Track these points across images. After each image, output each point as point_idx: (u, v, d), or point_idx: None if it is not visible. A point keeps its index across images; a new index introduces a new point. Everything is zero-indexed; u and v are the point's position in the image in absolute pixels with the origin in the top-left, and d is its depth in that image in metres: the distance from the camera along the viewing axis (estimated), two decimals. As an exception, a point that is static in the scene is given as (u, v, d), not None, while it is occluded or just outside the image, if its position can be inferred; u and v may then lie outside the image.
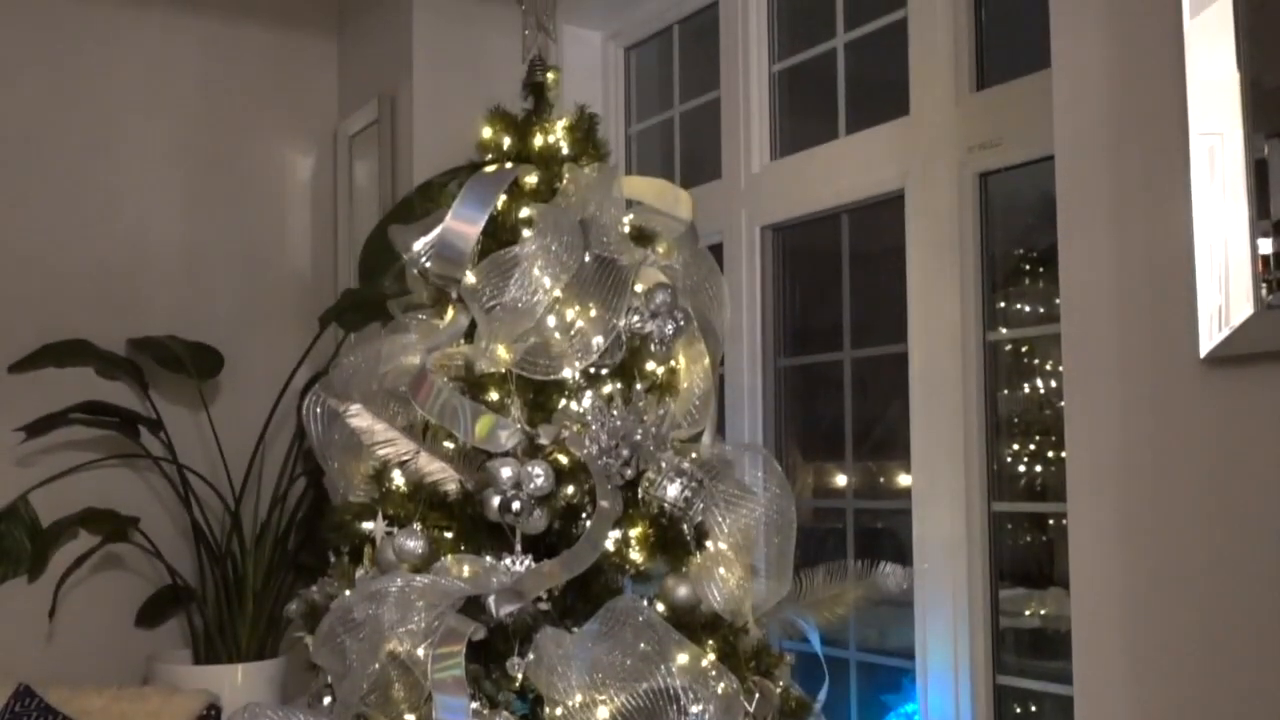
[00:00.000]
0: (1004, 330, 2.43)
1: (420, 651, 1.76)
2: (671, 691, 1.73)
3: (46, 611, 3.24)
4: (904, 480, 2.71)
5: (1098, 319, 1.72)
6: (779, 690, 2.04)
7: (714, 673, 1.79)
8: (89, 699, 2.78)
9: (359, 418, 1.88)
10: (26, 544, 3.26)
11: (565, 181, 2.04)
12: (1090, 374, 1.75)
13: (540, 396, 1.98)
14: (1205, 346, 1.52)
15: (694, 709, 1.75)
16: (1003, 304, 2.48)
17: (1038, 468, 2.53)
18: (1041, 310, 2.49)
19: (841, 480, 2.91)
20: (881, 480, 2.88)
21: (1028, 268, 2.56)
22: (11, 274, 3.37)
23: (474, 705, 1.76)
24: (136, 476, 3.50)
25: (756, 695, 1.93)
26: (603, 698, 1.74)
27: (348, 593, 1.99)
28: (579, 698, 1.75)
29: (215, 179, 3.71)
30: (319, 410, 2.11)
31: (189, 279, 3.64)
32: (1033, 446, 2.54)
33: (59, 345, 3.27)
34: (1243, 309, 1.49)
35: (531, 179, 2.05)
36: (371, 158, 3.59)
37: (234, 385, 3.58)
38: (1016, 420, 2.51)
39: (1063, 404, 1.81)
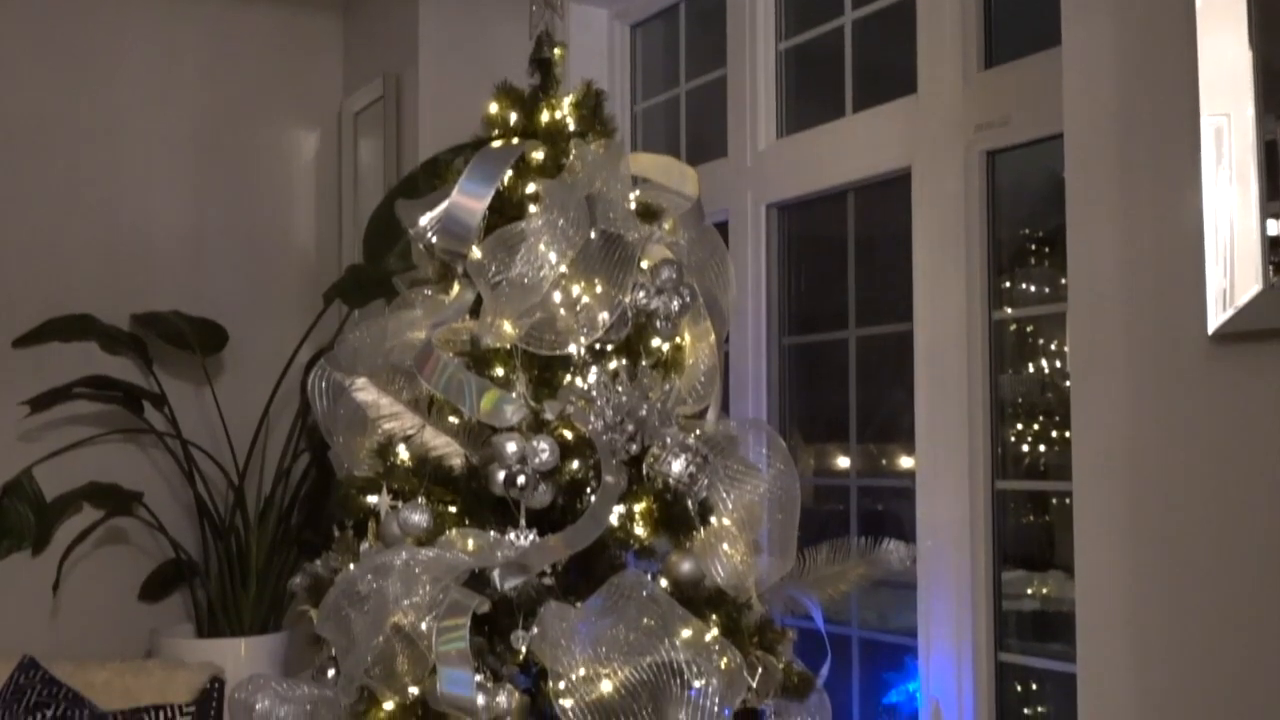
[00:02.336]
0: (1009, 310, 2.43)
1: (424, 624, 1.77)
2: (675, 665, 1.73)
3: (50, 585, 3.25)
4: (907, 463, 2.72)
5: (1105, 297, 1.72)
6: (782, 665, 2.04)
7: (717, 647, 1.79)
8: (93, 672, 2.78)
9: (365, 391, 1.89)
10: (30, 518, 3.28)
11: (572, 157, 2.03)
12: (1097, 352, 1.75)
13: (545, 372, 1.98)
14: (1213, 324, 1.52)
15: (697, 683, 1.75)
16: (1008, 284, 2.48)
17: (1041, 448, 2.53)
18: (1047, 290, 2.49)
19: (844, 460, 2.92)
20: (884, 462, 2.88)
21: (1033, 248, 2.56)
22: (17, 250, 3.38)
23: (478, 678, 1.76)
24: (140, 452, 3.52)
25: (759, 670, 1.94)
26: (606, 671, 1.74)
27: (352, 566, 1.99)
28: (582, 671, 1.75)
29: (220, 157, 3.72)
30: (324, 385, 2.11)
31: (193, 255, 3.65)
32: (1036, 427, 2.54)
33: (63, 320, 3.28)
34: (1250, 287, 1.49)
35: (538, 155, 2.04)
36: (376, 135, 3.59)
37: (237, 361, 3.58)
38: (1020, 400, 2.51)
39: (1067, 384, 1.81)
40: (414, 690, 1.87)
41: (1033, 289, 2.52)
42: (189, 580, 3.41)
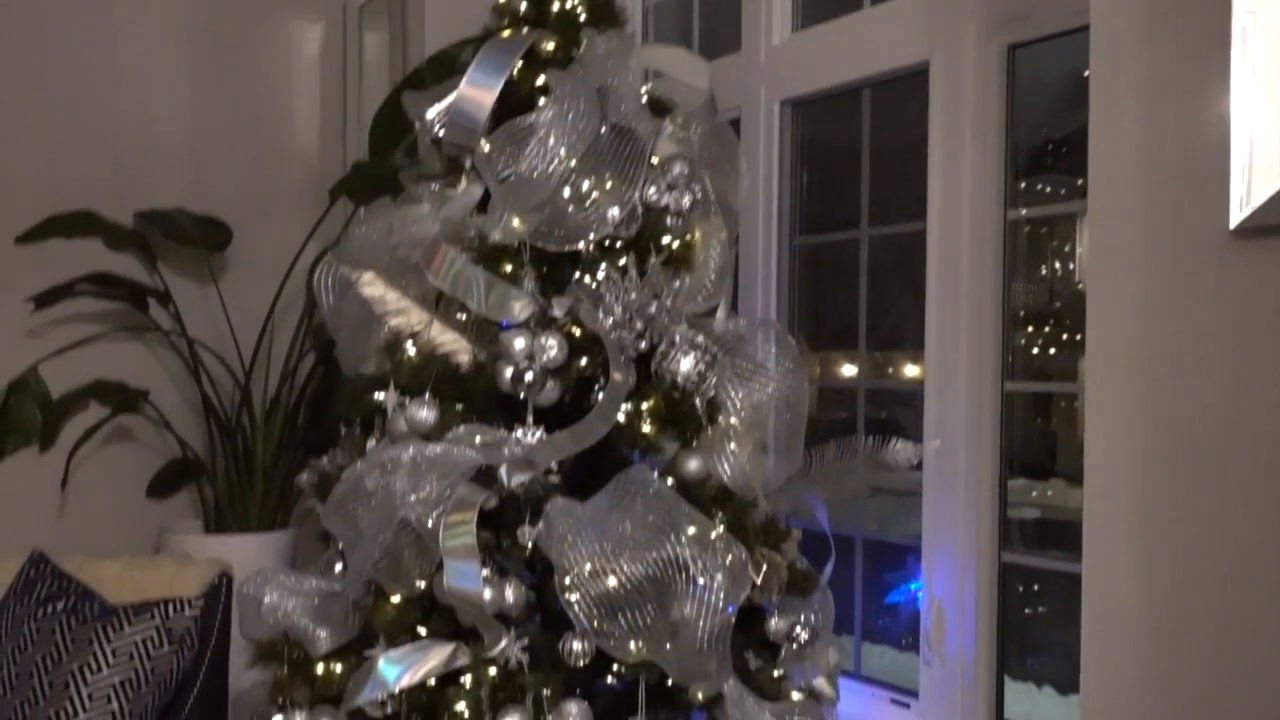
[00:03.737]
0: (1024, 211, 2.39)
1: (432, 520, 1.77)
2: (680, 561, 1.74)
3: (58, 483, 3.28)
4: (912, 371, 2.71)
5: (1126, 192, 1.69)
6: (786, 564, 2.05)
7: (722, 544, 1.79)
8: (102, 567, 2.79)
9: (372, 287, 1.87)
10: (37, 415, 3.28)
11: (583, 48, 1.98)
12: (1115, 248, 1.73)
13: (554, 269, 1.95)
14: (1235, 219, 1.49)
15: (701, 580, 1.76)
16: (1023, 185, 2.44)
17: (1051, 350, 2.52)
18: (1063, 191, 2.45)
19: (851, 367, 2.90)
20: (890, 370, 2.87)
21: (1050, 147, 2.51)
22: (18, 147, 3.33)
23: (484, 572, 1.77)
24: (145, 350, 3.51)
25: (764, 567, 1.94)
26: (612, 567, 1.75)
27: (359, 463, 1.99)
28: (588, 567, 1.76)
29: (222, 51, 3.65)
30: (330, 281, 2.09)
31: (195, 152, 3.60)
32: (1047, 330, 2.52)
33: (66, 216, 3.25)
34: (1274, 182, 1.46)
35: (548, 45, 1.99)
36: (381, 29, 3.52)
37: (241, 259, 3.56)
38: (1031, 303, 2.49)
39: (1080, 286, 1.79)
40: (421, 584, 1.88)
41: (1048, 190, 2.49)
42: (196, 478, 3.42)
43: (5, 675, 2.45)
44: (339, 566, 2.07)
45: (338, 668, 2.02)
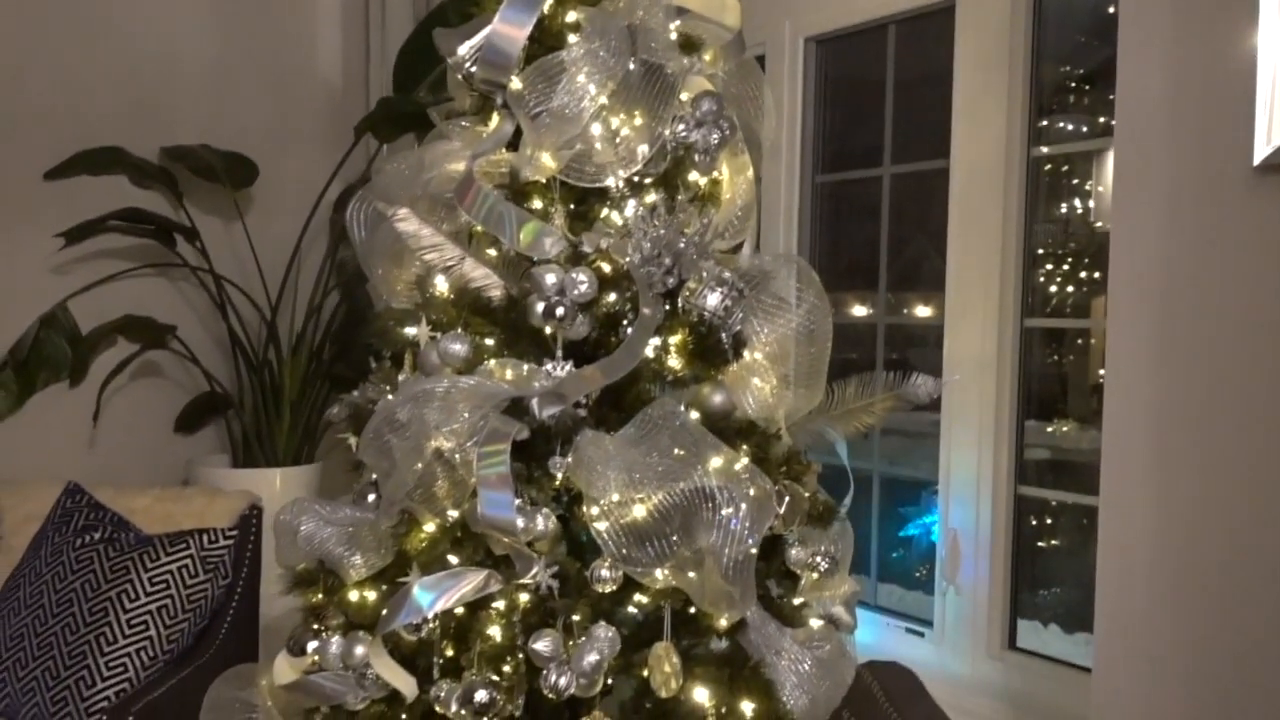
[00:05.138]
0: (1044, 149, 2.41)
1: (465, 450, 1.81)
2: (707, 491, 1.77)
3: (88, 416, 3.33)
4: (923, 311, 2.73)
5: (1152, 128, 1.71)
6: (808, 495, 2.09)
7: (747, 476, 1.82)
8: (135, 498, 2.85)
9: (407, 222, 1.89)
10: (67, 350, 3.32)
11: (613, -15, 1.99)
12: (1140, 183, 1.75)
13: (582, 205, 1.97)
14: (1259, 155, 1.51)
15: (726, 510, 1.79)
16: (1045, 123, 2.45)
17: (1069, 288, 2.54)
18: (1085, 130, 2.46)
19: (862, 308, 2.93)
20: (904, 311, 2.89)
21: (1073, 85, 2.52)
22: (43, 84, 3.35)
23: (517, 501, 1.81)
24: (172, 286, 3.55)
25: (787, 499, 1.98)
26: (639, 496, 1.78)
27: (391, 395, 2.03)
28: (616, 496, 1.79)
29: (243, -15, 3.65)
30: (362, 215, 2.11)
31: (219, 88, 3.62)
32: (1066, 267, 2.55)
33: (93, 153, 3.27)
34: (1300, 121, 1.48)
35: (580, -18, 2.00)
36: (403, -36, 3.51)
37: (265, 195, 3.58)
38: (1051, 240, 2.51)
39: (1097, 225, 1.81)
40: (453, 513, 1.92)
41: (1070, 127, 2.50)
42: (223, 412, 3.47)
43: (47, 602, 2.52)
44: (371, 497, 2.12)
45: (370, 595, 2.07)
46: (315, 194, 3.38)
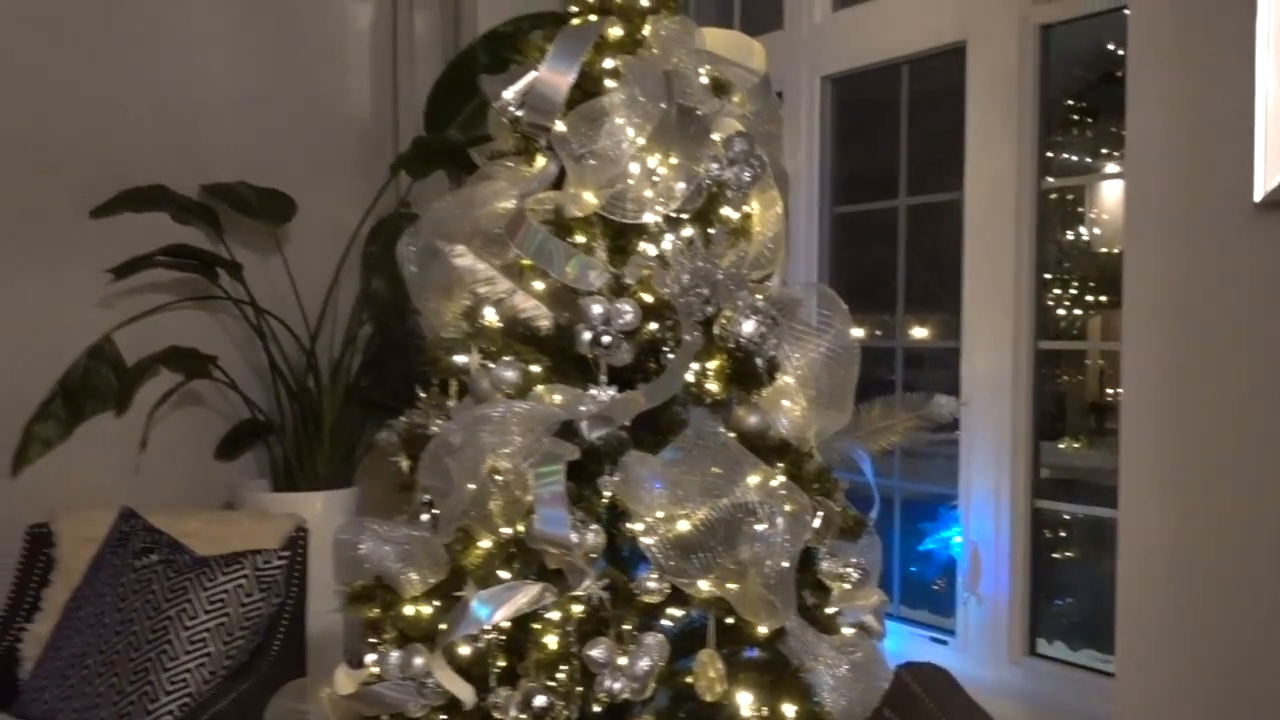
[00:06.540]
0: (1050, 180, 2.53)
1: (520, 470, 1.92)
2: (749, 505, 1.88)
3: (134, 444, 3.45)
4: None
5: (1158, 164, 1.82)
6: (838, 510, 2.21)
7: (784, 492, 1.94)
8: (185, 522, 2.96)
9: (464, 258, 2.01)
10: (113, 380, 3.43)
11: (647, 33, 2.12)
12: (1148, 217, 1.86)
13: (621, 239, 2.09)
14: (1260, 191, 1.63)
15: (765, 524, 1.91)
16: (1050, 153, 2.58)
17: (1078, 311, 2.67)
18: (1089, 160, 2.59)
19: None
20: (921, 330, 3.00)
21: (1076, 118, 2.65)
22: (86, 125, 3.46)
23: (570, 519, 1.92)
24: (211, 318, 3.67)
25: (820, 513, 2.10)
26: (684, 512, 1.90)
27: (442, 420, 2.15)
28: (660, 513, 1.91)
29: (276, 26, 3.78)
30: (413, 251, 2.24)
31: (254, 127, 3.73)
32: (1074, 291, 2.67)
33: (137, 191, 3.39)
34: (1294, 159, 1.60)
35: (616, 31, 2.13)
36: (432, 6, 3.64)
37: (302, 230, 3.69)
38: (1065, 264, 2.64)
39: (1104, 250, 1.92)
40: (506, 530, 2.04)
41: (1075, 158, 2.62)
42: (264, 438, 3.59)
43: (109, 622, 2.63)
44: (425, 516, 2.23)
45: (425, 609, 2.18)
46: (349, 227, 3.50)
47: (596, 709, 1.94)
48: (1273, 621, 1.73)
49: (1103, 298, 2.67)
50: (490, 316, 2.13)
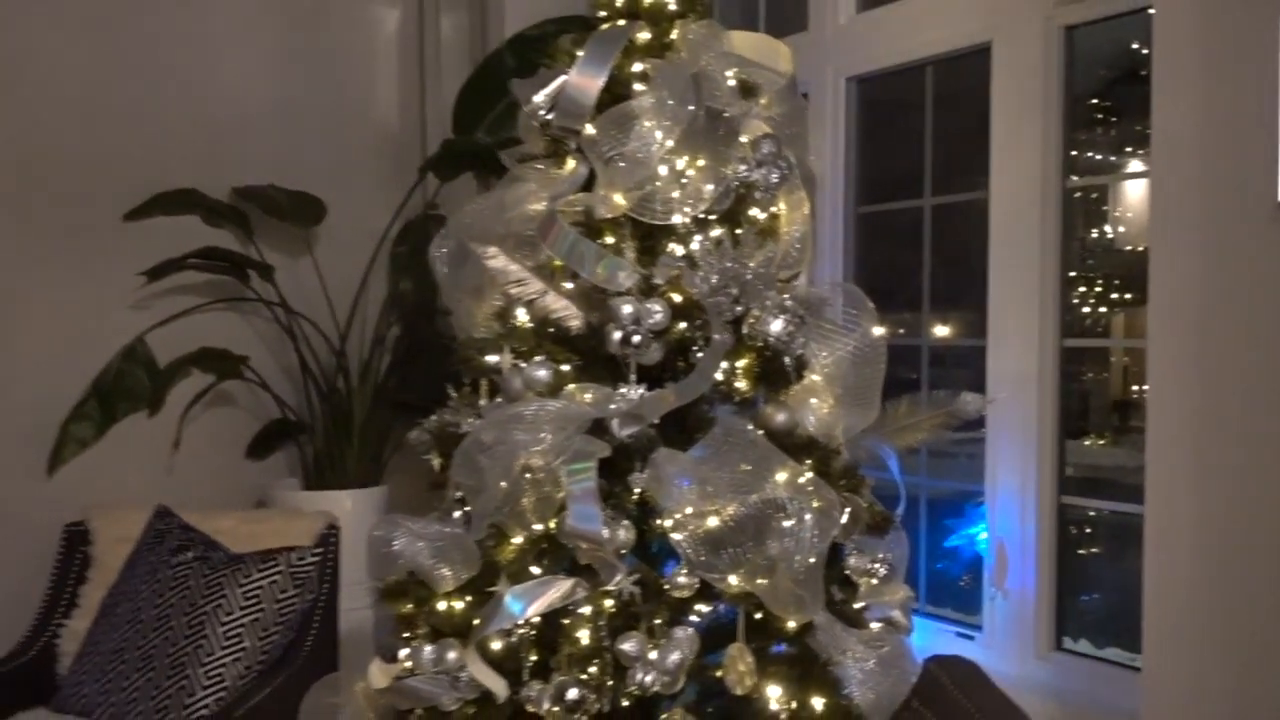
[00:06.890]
0: (1075, 178, 2.55)
1: (553, 467, 1.95)
2: (778, 501, 1.91)
3: (166, 443, 3.49)
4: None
5: (1183, 164, 1.84)
6: (866, 506, 2.23)
7: (812, 488, 1.96)
8: (219, 520, 3.01)
9: (497, 259, 2.05)
10: (146, 381, 3.46)
11: (675, 37, 2.15)
12: (1173, 216, 1.87)
13: (649, 240, 2.12)
14: (1284, 193, 1.64)
15: (793, 520, 1.93)
16: (1074, 152, 2.59)
17: (1102, 309, 2.69)
18: (1113, 158, 2.60)
19: (914, 320, 3.06)
20: (946, 328, 3.02)
21: (1100, 116, 2.66)
22: (119, 130, 3.50)
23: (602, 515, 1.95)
24: (242, 319, 3.70)
25: (848, 509, 2.12)
26: (713, 508, 1.92)
27: (477, 420, 2.18)
28: (689, 509, 1.94)
29: (305, 30, 3.81)
30: (444, 253, 2.28)
31: (284, 131, 3.77)
32: (1098, 288, 2.69)
33: (169, 194, 3.43)
34: (1320, 158, 1.61)
35: (644, 35, 2.16)
36: (459, 10, 3.67)
37: (331, 232, 3.73)
38: (1089, 262, 2.65)
39: (1127, 247, 1.93)
40: (538, 527, 2.07)
41: (1098, 157, 2.64)
42: (295, 438, 3.63)
43: (147, 618, 2.68)
44: (457, 514, 2.27)
45: (457, 604, 2.21)
46: (377, 229, 3.53)
47: (626, 702, 1.98)
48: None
49: (1127, 295, 2.68)
50: (522, 317, 2.17)
